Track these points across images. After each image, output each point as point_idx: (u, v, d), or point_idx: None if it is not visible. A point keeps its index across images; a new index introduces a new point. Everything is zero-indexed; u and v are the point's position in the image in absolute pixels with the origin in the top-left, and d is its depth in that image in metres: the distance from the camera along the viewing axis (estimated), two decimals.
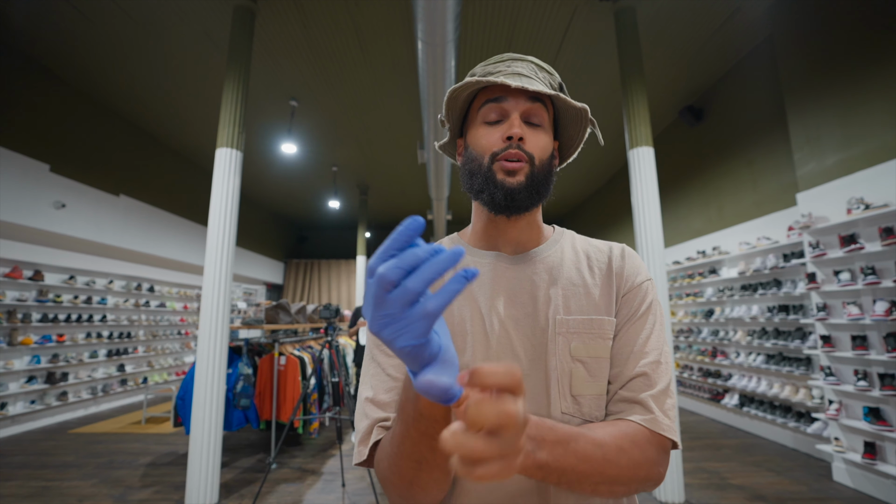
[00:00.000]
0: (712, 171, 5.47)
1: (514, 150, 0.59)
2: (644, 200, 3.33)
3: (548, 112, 0.63)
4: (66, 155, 5.08)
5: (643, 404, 0.55)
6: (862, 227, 3.16)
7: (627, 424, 0.53)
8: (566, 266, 0.64)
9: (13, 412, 4.92)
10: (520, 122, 0.59)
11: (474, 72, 0.66)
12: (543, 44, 4.56)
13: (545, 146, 0.62)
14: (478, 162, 0.61)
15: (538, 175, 0.60)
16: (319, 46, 4.57)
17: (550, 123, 0.64)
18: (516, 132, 0.58)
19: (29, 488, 3.27)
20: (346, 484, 3.30)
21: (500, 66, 0.63)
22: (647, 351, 0.58)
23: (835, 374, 3.30)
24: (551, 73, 0.65)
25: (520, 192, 0.59)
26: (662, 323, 0.62)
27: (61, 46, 4.51)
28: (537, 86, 0.59)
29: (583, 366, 0.57)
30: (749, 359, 4.53)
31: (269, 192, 9.50)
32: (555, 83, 0.65)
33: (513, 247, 0.66)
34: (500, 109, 0.61)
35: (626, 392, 0.56)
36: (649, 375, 0.56)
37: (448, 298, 0.31)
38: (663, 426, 0.53)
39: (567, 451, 0.46)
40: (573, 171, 8.46)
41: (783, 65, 4.01)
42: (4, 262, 4.97)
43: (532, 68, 0.63)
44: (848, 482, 3.16)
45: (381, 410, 0.57)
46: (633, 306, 0.61)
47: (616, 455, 0.49)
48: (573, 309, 0.60)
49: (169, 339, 7.73)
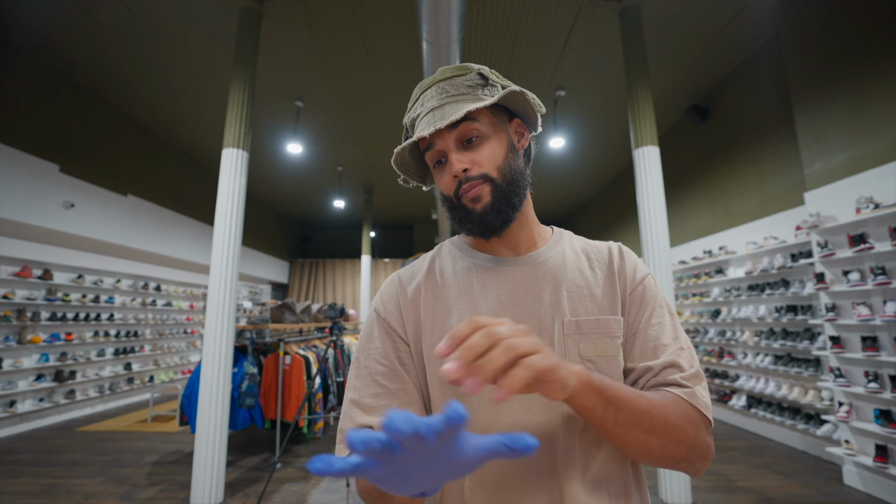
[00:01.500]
0: (718, 170, 5.43)
1: (466, 183, 0.60)
2: (649, 200, 3.30)
3: (479, 119, 0.60)
4: (75, 155, 5.13)
5: (678, 384, 0.55)
6: (871, 226, 3.12)
7: (671, 395, 0.54)
8: (569, 267, 0.64)
9: (22, 410, 4.97)
10: (457, 156, 0.59)
11: (405, 122, 0.67)
12: (548, 43, 4.55)
13: (493, 154, 0.61)
14: (449, 202, 0.64)
15: (502, 186, 0.60)
16: (325, 47, 4.59)
17: (491, 119, 0.62)
18: (456, 169, 0.59)
19: (37, 485, 3.31)
20: (350, 484, 3.30)
21: (417, 108, 0.64)
22: (668, 343, 0.59)
23: (844, 376, 3.26)
24: (464, 72, 0.63)
25: (490, 215, 0.60)
26: (672, 311, 0.63)
27: (70, 48, 4.56)
28: (448, 113, 0.58)
29: (593, 366, 0.57)
30: (757, 359, 4.48)
31: (275, 191, 9.55)
32: (472, 80, 0.62)
33: (512, 249, 0.66)
34: (437, 153, 0.62)
35: (657, 380, 0.57)
36: (677, 363, 0.57)
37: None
38: (700, 402, 0.54)
39: (624, 386, 0.48)
40: (577, 171, 8.43)
41: (790, 63, 3.97)
42: (14, 262, 5.03)
43: (441, 89, 0.62)
44: (859, 486, 3.12)
45: (364, 414, 0.58)
46: (643, 303, 0.62)
47: (673, 407, 0.51)
48: (579, 310, 0.60)
49: (175, 338, 7.79)
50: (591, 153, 7.48)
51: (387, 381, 0.59)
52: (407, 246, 12.99)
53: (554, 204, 10.85)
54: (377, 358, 0.61)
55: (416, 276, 0.67)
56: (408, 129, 0.66)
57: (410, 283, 0.67)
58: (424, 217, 11.68)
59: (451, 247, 0.70)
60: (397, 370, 0.60)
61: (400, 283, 0.67)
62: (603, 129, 6.51)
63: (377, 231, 12.57)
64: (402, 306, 0.64)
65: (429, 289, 0.65)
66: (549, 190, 9.57)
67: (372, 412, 0.57)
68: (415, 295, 0.65)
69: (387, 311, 0.65)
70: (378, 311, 0.65)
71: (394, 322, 0.64)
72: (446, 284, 0.65)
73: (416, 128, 0.63)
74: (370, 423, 0.56)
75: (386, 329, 0.63)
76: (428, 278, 0.66)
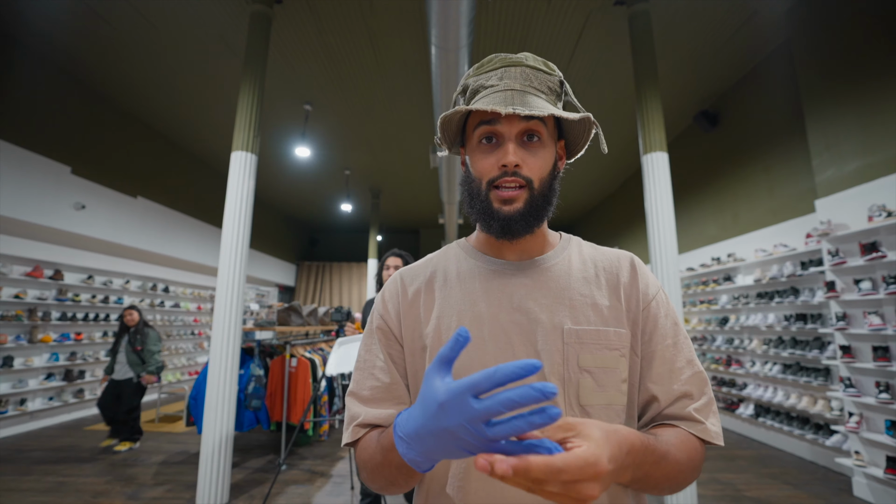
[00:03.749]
0: (727, 176, 5.39)
1: (511, 177, 0.58)
2: (658, 206, 3.29)
3: (546, 123, 0.60)
4: (87, 157, 5.21)
5: (691, 419, 0.58)
6: (884, 234, 3.08)
7: (686, 435, 0.57)
8: (574, 275, 0.63)
9: (32, 408, 5.03)
10: (514, 148, 0.57)
11: (467, 83, 0.65)
12: (557, 48, 4.55)
13: (544, 164, 0.60)
14: (476, 185, 0.61)
15: (537, 198, 0.59)
16: (334, 51, 4.63)
17: (553, 128, 0.62)
18: (511, 160, 0.57)
19: (46, 483, 3.34)
20: (354, 487, 3.30)
21: (492, 78, 0.61)
22: (683, 367, 0.60)
23: (855, 386, 3.21)
24: (549, 72, 0.62)
25: (517, 222, 0.59)
26: (683, 328, 0.64)
27: (83, 52, 4.64)
28: (531, 104, 0.57)
29: (591, 376, 0.57)
30: (765, 368, 4.43)
31: (283, 195, 9.62)
32: (553, 83, 0.62)
33: (518, 254, 0.66)
34: (495, 132, 0.59)
35: (673, 409, 0.59)
36: (691, 393, 0.59)
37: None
38: (712, 434, 0.57)
39: (657, 469, 0.49)
40: (585, 177, 8.41)
41: (801, 69, 3.94)
42: (26, 262, 5.10)
43: (526, 74, 0.60)
44: (869, 498, 3.06)
45: (361, 405, 0.61)
46: (657, 322, 0.62)
47: (687, 464, 0.53)
48: (581, 319, 0.60)
49: (182, 339, 7.84)
50: (599, 158, 7.45)
51: (383, 375, 0.62)
52: (414, 250, 13.01)
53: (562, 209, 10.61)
54: (376, 353, 0.64)
55: (418, 277, 0.68)
56: (466, 92, 0.65)
57: (412, 283, 0.67)
58: (431, 221, 11.70)
59: (456, 249, 0.70)
60: (391, 367, 0.63)
61: (402, 284, 0.68)
62: (611, 134, 6.49)
63: (384, 235, 12.60)
64: (400, 307, 0.66)
65: (429, 290, 0.66)
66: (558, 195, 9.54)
67: (367, 403, 0.61)
68: (415, 296, 0.66)
69: (387, 311, 0.66)
70: (379, 311, 0.67)
71: (391, 321, 0.65)
72: (449, 286, 0.65)
73: (480, 97, 0.61)
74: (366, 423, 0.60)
75: (383, 328, 0.65)
76: (430, 280, 0.67)
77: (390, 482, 0.54)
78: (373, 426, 0.60)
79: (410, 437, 0.42)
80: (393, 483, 0.54)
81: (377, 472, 0.55)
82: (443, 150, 0.71)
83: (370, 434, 0.58)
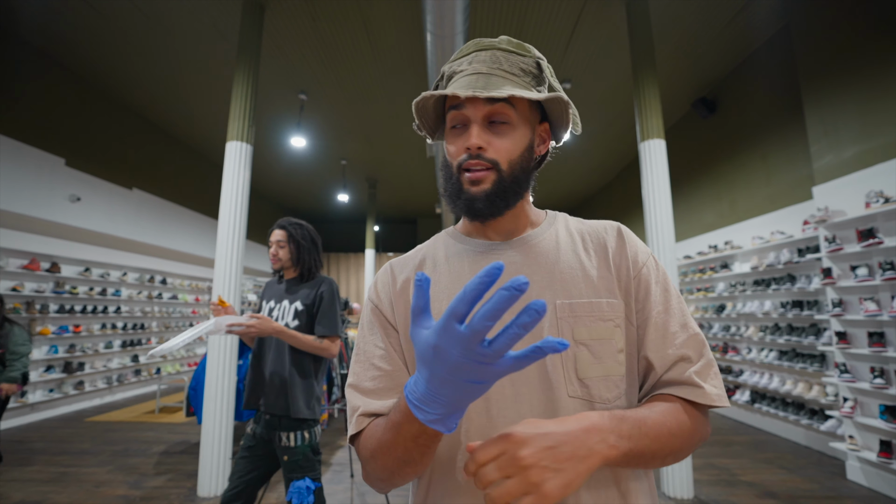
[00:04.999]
0: (725, 164, 5.38)
1: (475, 159, 0.58)
2: (655, 194, 3.28)
3: (516, 105, 0.59)
4: (81, 149, 5.16)
5: (691, 383, 0.56)
6: (881, 221, 3.08)
7: (673, 400, 0.56)
8: (562, 249, 0.63)
9: (33, 400, 5.05)
10: (478, 131, 0.58)
11: (444, 69, 0.65)
12: (554, 35, 4.50)
13: (513, 146, 0.59)
14: (449, 169, 0.62)
15: (506, 179, 0.59)
16: (328, 40, 4.57)
17: (527, 110, 0.61)
18: (473, 143, 0.58)
19: (48, 473, 3.37)
20: (354, 475, 3.33)
21: (463, 63, 0.61)
22: (676, 331, 0.59)
23: (850, 371, 3.24)
24: (523, 53, 0.61)
25: (481, 201, 0.59)
26: (677, 292, 0.63)
27: (76, 42, 4.57)
28: (494, 86, 0.56)
29: (587, 349, 0.57)
30: (761, 355, 4.47)
31: (279, 185, 9.57)
32: (527, 64, 0.61)
33: (504, 235, 0.66)
34: (461, 116, 0.60)
35: (671, 374, 0.58)
36: (688, 356, 0.58)
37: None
38: (713, 396, 0.56)
39: (641, 435, 0.49)
40: (583, 164, 8.38)
41: (799, 55, 3.91)
42: (23, 255, 5.08)
43: (496, 57, 0.60)
44: (862, 481, 3.11)
45: (363, 396, 0.60)
46: (648, 288, 0.61)
47: (678, 428, 0.53)
48: (573, 293, 0.60)
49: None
50: (596, 146, 7.43)
51: (384, 363, 0.62)
52: (411, 240, 13.00)
53: (559, 197, 10.80)
54: (375, 343, 0.63)
55: (407, 265, 0.69)
56: (443, 78, 0.65)
57: (402, 272, 0.68)
58: (428, 211, 11.67)
59: (444, 236, 0.71)
60: (392, 354, 0.63)
61: (392, 273, 0.69)
62: (609, 122, 6.45)
63: (381, 225, 12.59)
64: (392, 296, 0.66)
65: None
66: (555, 183, 9.53)
67: (369, 395, 0.60)
68: (405, 284, 0.66)
69: (379, 300, 0.67)
70: (372, 299, 0.68)
71: (385, 310, 0.65)
72: (438, 271, 0.65)
73: (452, 82, 0.62)
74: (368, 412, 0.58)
75: (379, 317, 0.66)
76: (419, 267, 0.67)
77: (404, 461, 0.50)
78: (378, 416, 0.59)
79: (425, 398, 0.42)
80: (407, 461, 0.50)
81: (389, 453, 0.51)
82: (425, 136, 0.70)
83: (375, 421, 0.57)
